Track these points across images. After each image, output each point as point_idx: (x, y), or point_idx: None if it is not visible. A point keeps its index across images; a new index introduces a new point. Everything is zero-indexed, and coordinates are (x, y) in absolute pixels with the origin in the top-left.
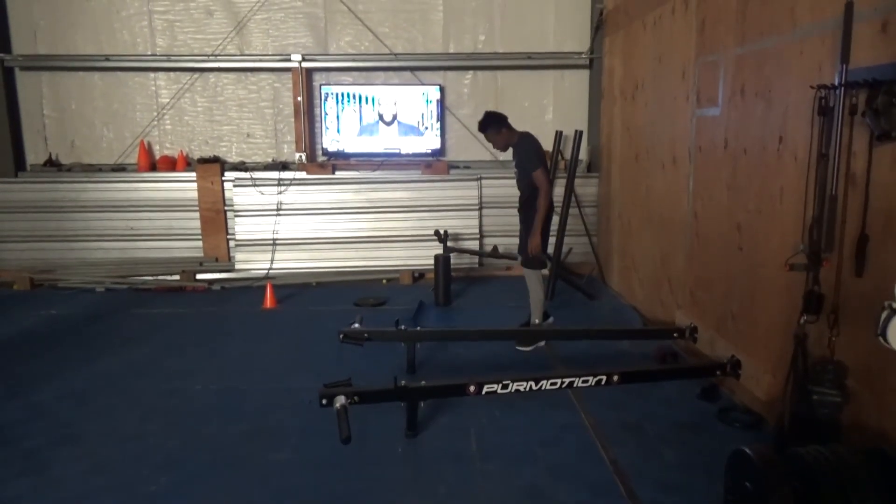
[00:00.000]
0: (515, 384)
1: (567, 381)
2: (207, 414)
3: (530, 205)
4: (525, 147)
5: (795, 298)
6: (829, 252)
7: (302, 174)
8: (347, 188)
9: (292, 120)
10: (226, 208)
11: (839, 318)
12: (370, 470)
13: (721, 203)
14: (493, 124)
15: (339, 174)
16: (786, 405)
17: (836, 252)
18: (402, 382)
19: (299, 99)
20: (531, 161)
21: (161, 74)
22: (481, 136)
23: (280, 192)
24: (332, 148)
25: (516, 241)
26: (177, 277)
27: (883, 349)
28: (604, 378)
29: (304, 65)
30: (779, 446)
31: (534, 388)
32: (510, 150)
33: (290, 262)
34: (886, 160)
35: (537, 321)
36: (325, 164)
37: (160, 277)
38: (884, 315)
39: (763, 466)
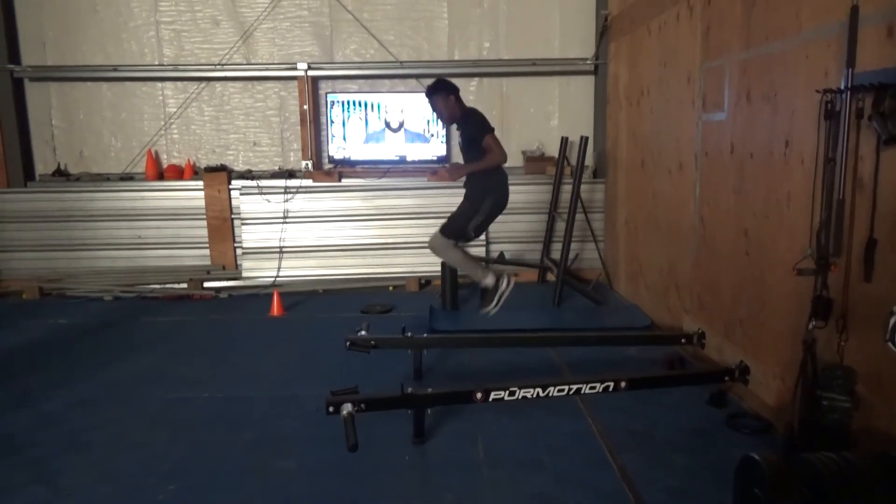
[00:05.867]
0: (523, 391)
1: (574, 387)
2: (214, 422)
3: (479, 181)
4: (475, 120)
5: (804, 303)
6: (838, 256)
7: (308, 182)
8: (354, 195)
9: (298, 128)
10: (233, 216)
11: (848, 323)
12: (377, 477)
13: (728, 208)
14: (442, 90)
15: (345, 181)
16: (795, 411)
17: (845, 256)
18: (409, 390)
19: (305, 107)
20: (483, 129)
21: (168, 84)
22: None
23: (286, 200)
24: (338, 155)
25: (522, 246)
26: (184, 285)
27: (892, 355)
28: (611, 384)
29: (310, 73)
30: (788, 452)
31: (541, 394)
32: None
33: (296, 269)
34: (894, 164)
35: (488, 280)
36: (332, 171)
37: (168, 286)
38: (892, 321)
39: (772, 473)
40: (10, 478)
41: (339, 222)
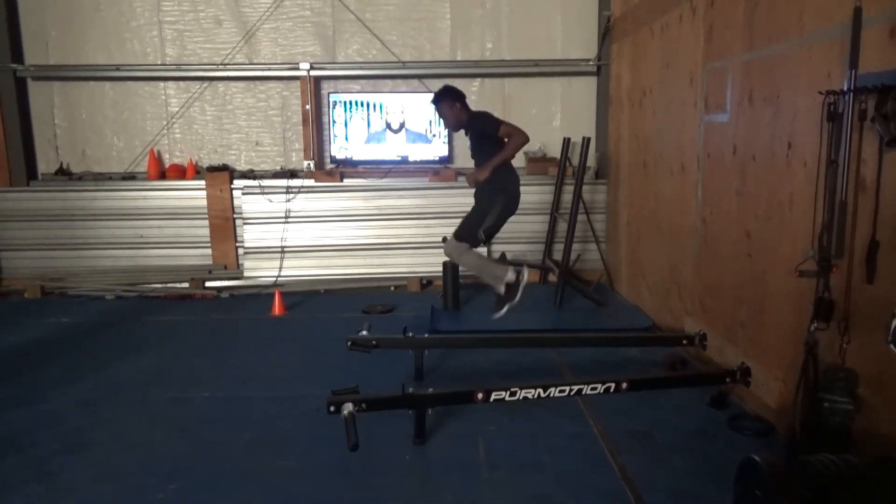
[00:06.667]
0: (523, 391)
1: (576, 388)
2: (215, 421)
3: (488, 183)
4: (483, 118)
5: (805, 305)
6: (840, 258)
7: (310, 182)
8: (355, 195)
9: (300, 128)
10: (234, 216)
11: (850, 325)
12: (377, 478)
13: (730, 209)
14: (447, 97)
15: (347, 182)
16: (796, 413)
17: (847, 258)
18: (410, 390)
19: (307, 107)
20: (493, 124)
21: (171, 84)
22: None
23: (288, 200)
24: (340, 155)
25: (524, 247)
26: (186, 285)
27: (894, 357)
28: (612, 385)
29: (313, 73)
30: (789, 455)
31: (542, 395)
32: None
33: (298, 269)
34: None
35: (510, 276)
36: (333, 171)
37: (169, 285)
38: (894, 323)
39: (773, 475)
40: (10, 477)
41: (340, 222)
